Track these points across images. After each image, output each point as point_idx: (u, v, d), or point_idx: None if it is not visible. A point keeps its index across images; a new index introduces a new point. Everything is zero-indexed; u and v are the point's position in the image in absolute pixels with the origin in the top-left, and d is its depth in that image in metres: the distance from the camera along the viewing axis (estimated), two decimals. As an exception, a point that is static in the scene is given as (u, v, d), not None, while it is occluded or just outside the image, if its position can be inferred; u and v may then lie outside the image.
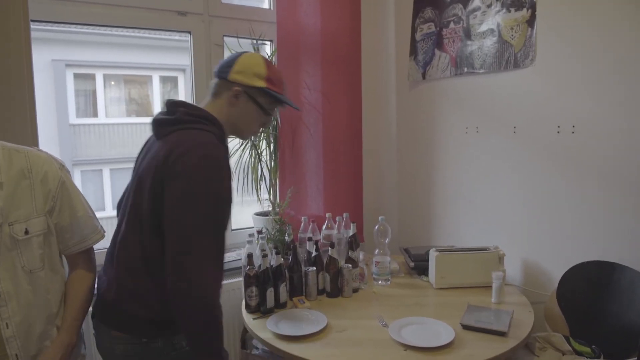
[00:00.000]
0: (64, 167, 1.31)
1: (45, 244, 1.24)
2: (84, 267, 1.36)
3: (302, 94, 2.44)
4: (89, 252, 1.38)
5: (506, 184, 2.15)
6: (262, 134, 2.38)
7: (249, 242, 1.88)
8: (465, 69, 2.26)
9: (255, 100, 1.34)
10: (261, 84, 1.33)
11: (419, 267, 2.13)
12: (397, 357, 1.45)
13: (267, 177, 2.44)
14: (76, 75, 7.39)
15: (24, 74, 1.71)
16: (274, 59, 2.44)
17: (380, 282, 2.06)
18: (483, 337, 1.55)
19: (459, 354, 1.45)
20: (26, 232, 1.19)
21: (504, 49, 2.08)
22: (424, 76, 2.50)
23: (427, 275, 2.09)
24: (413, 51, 2.55)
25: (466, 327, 1.60)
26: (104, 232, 1.40)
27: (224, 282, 1.56)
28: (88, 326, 1.40)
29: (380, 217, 2.10)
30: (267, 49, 2.61)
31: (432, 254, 2.01)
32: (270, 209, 2.42)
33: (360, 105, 2.64)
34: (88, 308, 1.36)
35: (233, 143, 2.35)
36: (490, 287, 1.84)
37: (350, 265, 1.92)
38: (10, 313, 1.17)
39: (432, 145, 2.51)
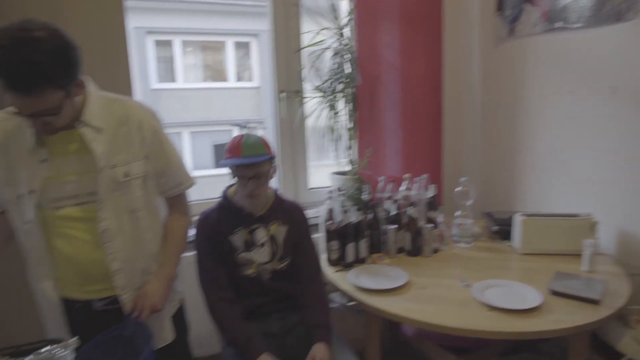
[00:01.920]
0: (155, 116, 1.37)
1: (144, 186, 1.33)
2: (179, 210, 1.46)
3: (380, 53, 2.38)
4: (182, 197, 1.47)
5: (602, 149, 1.99)
6: (342, 92, 2.36)
7: (329, 198, 1.90)
8: (559, 24, 2.09)
9: None
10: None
11: (502, 231, 2.06)
12: (481, 316, 1.43)
13: (345, 137, 2.43)
14: (156, 43, 7.71)
15: (120, 38, 1.90)
16: (352, 17, 2.39)
17: (461, 244, 2.02)
18: (573, 303, 1.48)
19: (547, 318, 1.40)
20: (126, 175, 1.27)
21: (605, 1, 1.88)
22: (511, 33, 2.34)
23: (510, 240, 2.02)
24: (499, 6, 2.39)
25: (555, 293, 1.54)
26: (194, 180, 1.48)
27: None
28: (182, 269, 1.49)
29: (462, 179, 2.04)
30: (344, 6, 2.55)
31: (518, 218, 1.93)
32: (348, 168, 2.43)
33: (441, 63, 2.54)
34: (184, 248, 1.46)
35: (313, 101, 2.37)
36: (579, 255, 1.75)
37: (431, 225, 1.89)
38: (116, 248, 1.27)
39: (519, 106, 2.37)
